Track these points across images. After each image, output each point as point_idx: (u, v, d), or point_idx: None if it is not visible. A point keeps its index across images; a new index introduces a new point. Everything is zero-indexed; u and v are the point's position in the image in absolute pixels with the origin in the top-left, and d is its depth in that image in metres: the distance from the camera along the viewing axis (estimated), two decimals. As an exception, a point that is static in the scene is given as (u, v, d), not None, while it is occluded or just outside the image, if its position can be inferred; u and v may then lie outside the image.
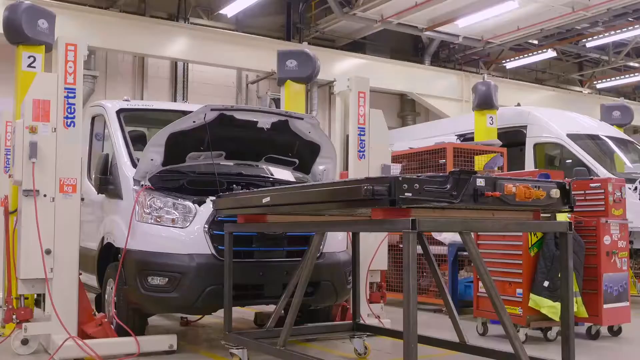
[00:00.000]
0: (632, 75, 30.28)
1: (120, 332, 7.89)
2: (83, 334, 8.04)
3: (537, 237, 9.01)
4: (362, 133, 10.05)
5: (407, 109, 26.91)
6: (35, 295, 9.02)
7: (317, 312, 9.27)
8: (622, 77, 30.65)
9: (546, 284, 8.79)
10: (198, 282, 7.61)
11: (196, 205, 7.94)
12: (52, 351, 7.89)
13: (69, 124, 8.16)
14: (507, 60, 27.99)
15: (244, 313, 11.77)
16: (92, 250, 8.95)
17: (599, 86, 32.11)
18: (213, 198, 7.81)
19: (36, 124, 7.97)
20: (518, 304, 8.98)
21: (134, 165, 8.47)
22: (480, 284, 9.61)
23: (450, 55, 28.06)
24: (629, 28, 23.89)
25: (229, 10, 21.45)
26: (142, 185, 8.11)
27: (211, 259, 7.68)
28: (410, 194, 4.90)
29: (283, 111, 8.65)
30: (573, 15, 22.15)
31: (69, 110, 8.17)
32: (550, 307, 8.75)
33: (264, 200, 6.48)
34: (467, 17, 22.28)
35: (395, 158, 10.55)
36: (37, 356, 8.08)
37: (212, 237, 7.73)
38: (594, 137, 14.93)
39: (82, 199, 8.40)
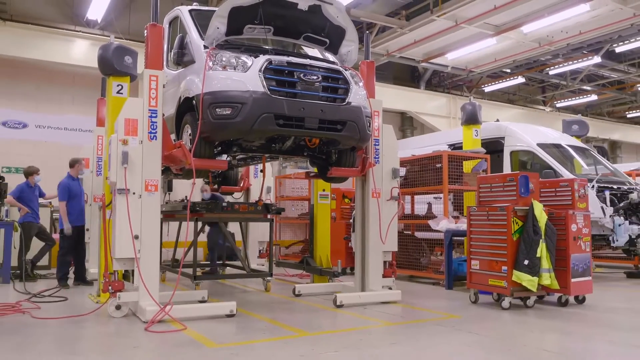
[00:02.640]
0: (585, 96, 30.19)
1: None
2: (165, 159, 8.60)
3: (518, 225, 9.04)
4: (376, 143, 10.11)
5: (406, 124, 26.92)
6: (124, 271, 9.17)
7: (344, 157, 9.43)
8: (577, 98, 30.56)
9: (526, 262, 8.79)
10: (255, 110, 7.69)
11: (252, 57, 8.06)
12: (139, 314, 8.04)
13: (152, 137, 8.26)
14: (486, 85, 27.94)
15: (285, 287, 11.89)
16: (171, 113, 9.08)
17: (558, 105, 32.01)
18: (266, 55, 8.11)
19: (127, 137, 8.09)
20: (503, 278, 8.97)
21: (202, 39, 8.61)
22: (472, 261, 9.70)
23: (440, 81, 28.04)
24: (584, 59, 23.84)
25: None
26: (209, 48, 8.27)
27: (264, 95, 7.77)
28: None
29: None
30: (539, 49, 22.13)
31: (152, 127, 8.27)
32: (529, 281, 8.76)
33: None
34: (455, 51, 22.27)
35: (401, 163, 10.61)
36: (127, 318, 8.16)
37: (265, 79, 7.84)
38: (558, 146, 14.91)
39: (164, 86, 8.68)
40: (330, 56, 9.63)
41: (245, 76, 7.88)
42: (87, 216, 13.14)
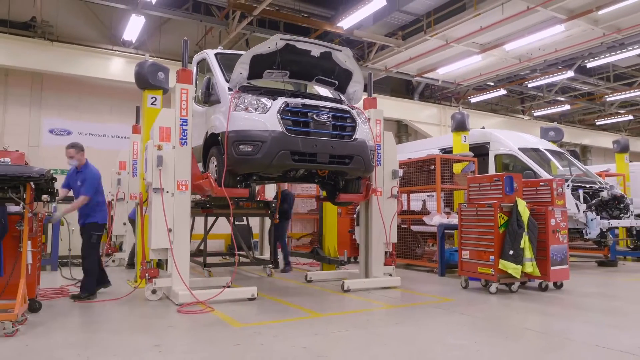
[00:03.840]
0: (560, 106, 30.04)
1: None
2: (194, 187, 8.65)
3: (504, 220, 9.03)
4: (378, 148, 10.12)
5: (402, 131, 26.83)
6: (157, 260, 9.19)
7: (351, 185, 9.46)
8: (552, 107, 30.39)
9: (511, 252, 8.79)
10: (273, 147, 7.76)
11: (271, 100, 8.11)
12: (172, 298, 8.06)
13: (182, 143, 8.31)
14: (471, 96, 27.81)
15: (298, 275, 11.90)
16: (199, 145, 9.09)
17: (535, 114, 31.86)
18: (283, 98, 8.21)
19: (161, 143, 8.15)
20: (491, 266, 8.97)
21: (227, 82, 8.67)
22: (463, 252, 9.69)
23: (432, 93, 27.89)
24: (558, 74, 23.72)
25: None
26: (233, 91, 8.34)
27: (282, 134, 7.84)
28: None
29: (328, 44, 8.72)
30: (519, 65, 22.02)
31: (183, 134, 8.32)
32: (514, 269, 8.75)
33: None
34: (445, 67, 22.16)
35: (399, 165, 10.64)
36: (162, 301, 8.19)
37: (282, 120, 7.90)
38: (536, 150, 14.86)
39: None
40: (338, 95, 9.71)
41: (265, 117, 7.95)
42: (125, 212, 13.27)
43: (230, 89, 8.42)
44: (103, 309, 7.63)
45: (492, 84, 26.75)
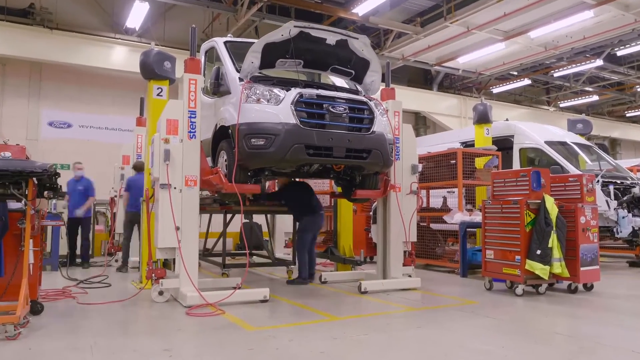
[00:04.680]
0: (587, 97, 29.97)
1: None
2: (203, 183, 8.61)
3: (530, 217, 9.00)
4: (397, 141, 10.10)
5: (420, 123, 26.85)
6: (164, 260, 9.22)
7: (368, 180, 9.47)
8: (579, 98, 30.34)
9: (538, 252, 8.74)
10: (287, 141, 7.77)
11: (284, 91, 8.11)
12: (180, 300, 8.09)
13: (191, 136, 8.32)
14: (494, 86, 27.78)
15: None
16: (208, 138, 9.11)
17: (561, 105, 31.78)
18: (297, 88, 8.19)
19: (169, 136, 8.16)
20: (517, 267, 8.93)
21: (237, 71, 8.68)
22: (487, 251, 9.67)
23: (451, 83, 27.87)
24: (586, 62, 23.66)
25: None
26: (244, 81, 8.33)
27: (296, 127, 7.84)
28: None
29: (345, 31, 8.74)
30: (545, 53, 21.97)
31: (191, 126, 8.33)
32: (542, 269, 8.72)
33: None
34: (466, 55, 22.19)
35: (418, 159, 10.61)
36: (169, 303, 8.19)
37: (296, 112, 7.91)
38: (564, 143, 14.80)
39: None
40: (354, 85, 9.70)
41: (278, 109, 7.94)
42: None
43: (241, 79, 8.41)
44: (108, 312, 7.66)
45: (515, 73, 26.70)
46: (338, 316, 7.32)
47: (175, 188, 8.16)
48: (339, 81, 9.95)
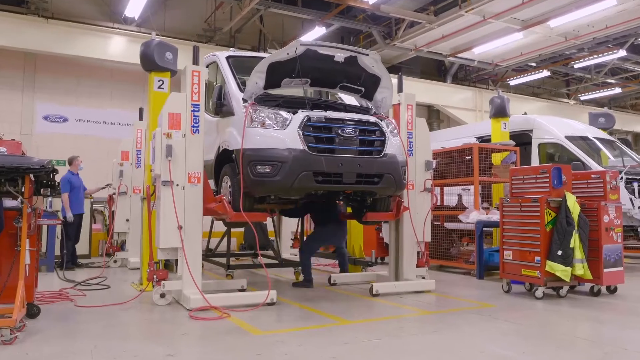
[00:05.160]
0: (609, 89, 29.89)
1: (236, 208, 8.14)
2: (206, 210, 8.54)
3: (551, 216, 8.97)
4: (410, 136, 10.11)
5: (433, 117, 26.81)
6: (165, 261, 9.23)
7: (380, 203, 9.41)
8: (601, 91, 30.27)
9: (559, 252, 8.73)
10: (294, 168, 7.71)
11: (291, 114, 8.06)
12: (183, 302, 8.10)
13: (194, 131, 8.34)
14: (511, 78, 27.72)
15: (320, 277, 11.90)
16: (210, 160, 9.09)
17: (582, 98, 31.71)
18: (304, 110, 8.13)
19: (171, 131, 8.17)
20: (537, 268, 8.92)
21: (241, 91, 8.64)
22: (505, 252, 9.64)
23: (466, 75, 27.80)
24: (609, 53, 23.59)
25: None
26: (248, 102, 8.27)
27: (304, 152, 7.79)
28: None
29: (354, 48, 8.68)
30: (565, 43, 21.89)
31: (194, 120, 8.35)
32: (562, 271, 8.70)
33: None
34: (482, 45, 22.14)
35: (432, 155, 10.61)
36: (171, 306, 8.22)
37: (304, 136, 7.85)
38: (585, 138, 14.79)
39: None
40: (364, 103, 9.65)
41: (285, 133, 7.90)
42: (127, 207, 13.45)
43: (245, 100, 8.37)
44: (107, 315, 7.68)
45: (534, 64, 26.65)
46: (349, 320, 7.32)
47: (177, 185, 8.18)
48: (348, 99, 9.94)
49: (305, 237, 12.03)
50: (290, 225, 14.22)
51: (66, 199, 13.05)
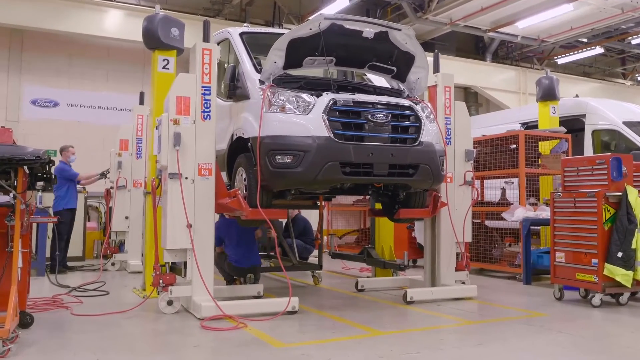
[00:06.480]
0: (672, 68, 29.75)
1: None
2: (218, 207, 8.53)
3: (610, 213, 8.92)
4: (448, 122, 10.05)
5: (470, 100, 26.65)
6: (171, 263, 9.26)
7: (414, 198, 9.35)
8: (662, 70, 30.11)
9: (620, 254, 8.68)
10: (319, 158, 7.65)
11: (314, 97, 8.00)
12: (193, 310, 8.12)
13: (205, 117, 8.33)
14: (558, 56, 27.57)
15: (344, 282, 11.92)
16: (222, 150, 9.09)
17: (640, 78, 31.56)
18: (329, 93, 8.06)
19: (179, 117, 8.17)
20: (593, 272, 8.86)
21: (257, 71, 8.59)
22: (557, 253, 9.59)
23: (508, 52, 27.68)
24: (671, 27, 23.45)
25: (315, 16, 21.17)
26: (266, 84, 8.23)
27: (329, 140, 7.73)
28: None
29: (384, 22, 8.64)
30: (622, 16, 21.73)
31: (205, 105, 8.33)
32: (623, 275, 8.64)
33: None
34: (526, 19, 22.02)
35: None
36: (179, 315, 8.23)
37: (329, 122, 7.80)
38: (646, 124, 14.71)
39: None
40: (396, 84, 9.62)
41: (308, 119, 7.85)
42: (127, 203, 13.50)
43: (262, 82, 8.34)
44: (108, 324, 7.71)
45: (585, 40, 26.42)
46: (381, 330, 7.32)
47: (186, 178, 8.17)
48: (378, 80, 9.90)
49: (326, 235, 12.04)
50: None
51: (86, 177, 14.19)
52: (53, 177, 6.95)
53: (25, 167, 6.46)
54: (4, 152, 6.21)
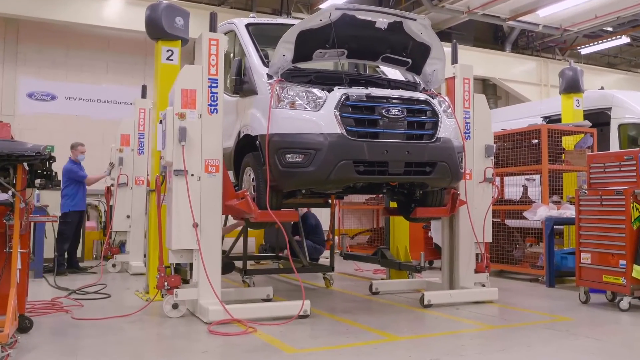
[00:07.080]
0: (702, 59, 29.62)
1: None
2: (226, 209, 8.48)
3: (639, 211, 8.89)
4: (467, 116, 10.03)
5: (489, 92, 26.56)
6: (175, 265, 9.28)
7: (431, 196, 9.32)
8: (692, 61, 29.98)
9: (649, 255, 8.71)
10: (331, 157, 7.64)
11: (325, 92, 8.00)
12: (199, 314, 8.13)
13: (212, 110, 8.33)
14: (582, 46, 27.47)
15: (359, 284, 11.92)
16: (229, 148, 9.07)
17: (668, 70, 31.44)
18: (340, 87, 8.05)
19: (184, 111, 8.16)
20: (621, 274, 8.84)
21: (265, 65, 8.58)
22: (582, 254, 9.57)
23: (528, 42, 27.59)
24: (702, 15, 23.34)
25: (327, 6, 21.27)
26: (274, 79, 8.22)
27: (342, 138, 7.71)
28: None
29: (399, 12, 8.59)
30: (650, 3, 21.70)
31: (212, 98, 8.33)
32: (653, 277, 8.67)
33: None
34: (548, 7, 21.95)
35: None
36: (184, 319, 8.24)
37: (342, 119, 7.78)
38: (675, 118, 14.66)
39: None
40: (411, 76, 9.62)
41: (319, 115, 7.85)
42: (128, 201, 13.52)
43: (270, 76, 8.34)
44: (111, 329, 7.72)
45: (610, 29, 26.29)
46: (398, 335, 7.33)
47: (192, 175, 8.17)
48: (392, 72, 9.89)
49: (338, 235, 12.02)
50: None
51: (94, 179, 14.25)
52: (54, 174, 6.97)
53: (25, 164, 6.45)
54: (3, 148, 6.21)
